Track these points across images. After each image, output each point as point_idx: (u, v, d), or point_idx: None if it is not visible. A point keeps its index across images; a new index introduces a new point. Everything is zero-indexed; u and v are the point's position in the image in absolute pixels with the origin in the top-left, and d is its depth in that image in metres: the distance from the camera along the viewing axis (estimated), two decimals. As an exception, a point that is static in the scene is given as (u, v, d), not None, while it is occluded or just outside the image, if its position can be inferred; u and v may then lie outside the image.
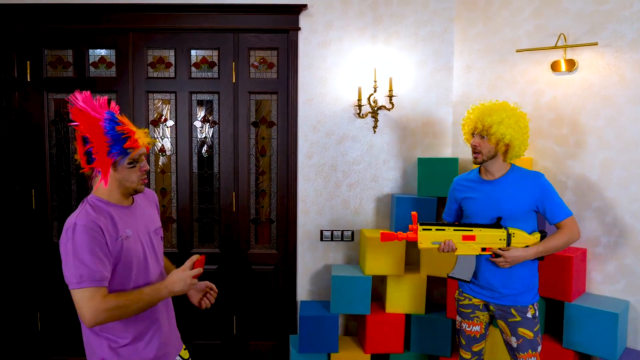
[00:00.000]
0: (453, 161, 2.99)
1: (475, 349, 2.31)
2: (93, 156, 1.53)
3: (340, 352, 3.05)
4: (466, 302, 2.31)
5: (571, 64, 2.67)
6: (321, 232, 3.33)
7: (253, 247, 3.43)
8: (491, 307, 2.25)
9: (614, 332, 2.40)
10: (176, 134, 3.34)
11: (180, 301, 2.48)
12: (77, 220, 1.49)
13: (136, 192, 1.64)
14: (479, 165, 2.27)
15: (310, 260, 3.35)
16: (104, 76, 3.33)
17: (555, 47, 2.67)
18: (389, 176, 3.31)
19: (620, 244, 2.56)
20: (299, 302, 3.34)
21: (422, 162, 3.05)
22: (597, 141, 2.62)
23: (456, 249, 2.14)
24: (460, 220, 2.42)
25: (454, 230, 2.13)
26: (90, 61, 3.33)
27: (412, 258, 3.25)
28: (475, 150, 2.19)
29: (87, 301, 1.44)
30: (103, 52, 3.34)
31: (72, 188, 3.38)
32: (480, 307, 2.28)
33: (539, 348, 2.19)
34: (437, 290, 3.32)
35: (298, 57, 3.23)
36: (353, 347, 3.13)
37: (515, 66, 2.93)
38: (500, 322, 2.24)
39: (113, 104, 1.65)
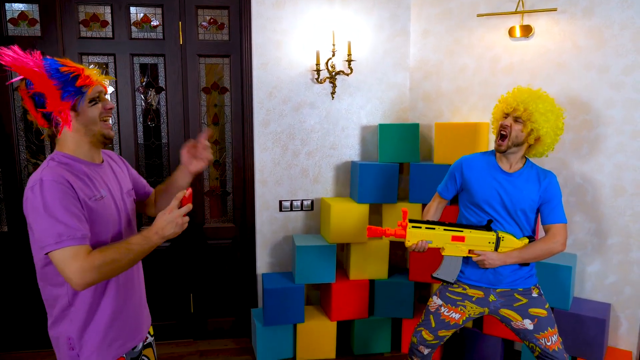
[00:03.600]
0: (414, 127, 3.00)
1: (441, 333, 2.21)
2: (46, 106, 1.34)
3: (306, 322, 3.02)
4: (459, 289, 2.17)
5: (527, 30, 2.74)
6: (280, 202, 3.23)
7: (208, 221, 3.26)
8: (491, 298, 2.12)
9: (568, 284, 2.58)
10: (117, 102, 3.02)
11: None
12: (43, 175, 1.30)
13: (105, 138, 1.45)
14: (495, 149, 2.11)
15: (270, 232, 3.25)
16: (26, 35, 2.90)
17: (515, 12, 2.73)
18: (347, 143, 3.26)
19: (569, 203, 2.73)
20: (259, 275, 3.25)
21: (383, 128, 3.03)
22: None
23: (427, 248, 2.03)
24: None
25: (444, 229, 2.02)
26: (8, 17, 2.88)
27: (374, 224, 3.26)
28: (503, 132, 2.04)
29: (70, 261, 1.26)
30: (22, 6, 2.90)
31: (-5, 164, 2.97)
32: (474, 299, 2.14)
33: (556, 326, 2.11)
34: (398, 253, 3.39)
35: (251, 17, 3.02)
36: (318, 315, 3.12)
37: (472, 31, 2.96)
38: (505, 311, 2.12)
39: (49, 57, 1.42)
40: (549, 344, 2.06)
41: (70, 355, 1.39)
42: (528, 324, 2.08)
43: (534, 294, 2.11)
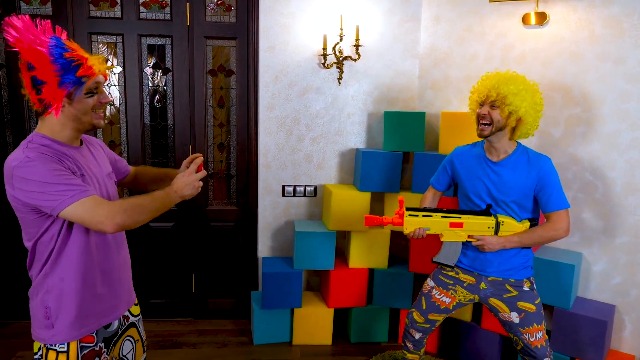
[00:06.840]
0: (420, 115, 2.93)
1: (432, 317, 2.22)
2: (41, 88, 1.32)
3: (303, 307, 3.03)
4: (452, 273, 2.17)
5: (542, 17, 2.62)
6: (283, 187, 3.22)
7: (212, 203, 3.28)
8: (482, 286, 2.10)
9: (569, 283, 2.50)
10: (125, 82, 3.05)
11: (134, 261, 2.32)
12: (26, 153, 1.30)
13: (94, 127, 1.45)
14: (482, 139, 2.10)
15: (272, 216, 3.25)
16: (38, 13, 2.95)
17: (529, -2, 2.61)
18: (353, 130, 3.21)
19: (578, 199, 2.63)
20: (260, 258, 3.27)
21: (388, 115, 2.97)
22: (562, 98, 2.62)
23: (426, 235, 2.03)
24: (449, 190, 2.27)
25: (442, 216, 2.00)
26: (21, -5, 2.94)
27: (375, 212, 3.23)
28: (483, 121, 2.00)
29: (96, 207, 1.30)
30: (35, -15, 2.94)
31: None
32: (465, 285, 2.14)
33: (544, 322, 2.06)
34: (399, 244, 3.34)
35: (259, -1, 2.99)
36: (316, 302, 3.12)
37: (485, 18, 2.85)
38: (494, 301, 2.10)
39: (59, 29, 1.42)
40: (532, 339, 2.03)
41: (45, 324, 1.42)
42: (514, 317, 2.05)
43: (525, 287, 2.06)
